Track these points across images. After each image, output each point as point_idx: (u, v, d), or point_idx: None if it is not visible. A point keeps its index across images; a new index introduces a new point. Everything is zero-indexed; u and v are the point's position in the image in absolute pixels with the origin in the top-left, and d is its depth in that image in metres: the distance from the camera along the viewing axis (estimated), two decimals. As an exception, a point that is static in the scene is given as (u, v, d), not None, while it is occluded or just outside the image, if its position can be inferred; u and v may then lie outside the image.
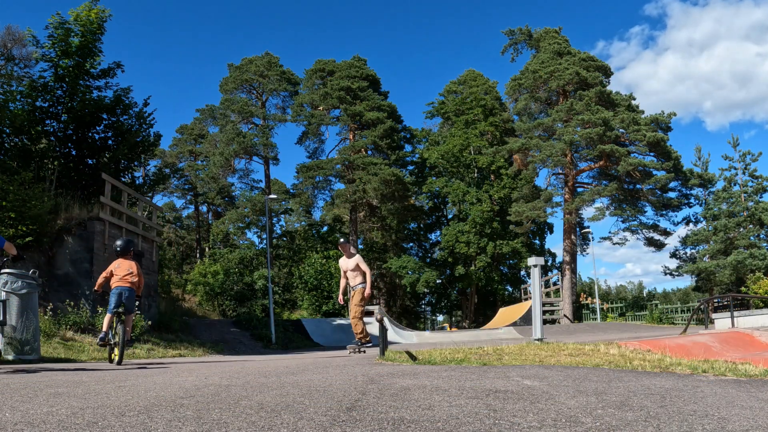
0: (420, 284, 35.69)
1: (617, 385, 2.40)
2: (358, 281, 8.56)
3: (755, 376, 2.89)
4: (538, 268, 6.38)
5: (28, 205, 11.60)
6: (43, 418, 1.67)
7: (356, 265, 8.57)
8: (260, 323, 20.45)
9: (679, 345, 7.23)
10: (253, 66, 35.92)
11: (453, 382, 2.60)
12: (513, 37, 34.22)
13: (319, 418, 1.64)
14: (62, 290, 11.82)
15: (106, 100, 15.93)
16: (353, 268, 8.58)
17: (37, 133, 14.64)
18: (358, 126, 34.96)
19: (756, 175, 29.14)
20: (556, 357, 4.01)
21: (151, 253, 16.07)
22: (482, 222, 34.21)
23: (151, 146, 17.25)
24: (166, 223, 39.42)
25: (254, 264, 33.49)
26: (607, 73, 31.24)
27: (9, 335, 7.04)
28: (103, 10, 15.35)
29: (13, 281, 7.17)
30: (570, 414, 1.67)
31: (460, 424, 1.52)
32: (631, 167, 27.46)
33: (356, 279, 8.60)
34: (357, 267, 8.57)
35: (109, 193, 13.51)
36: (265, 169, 36.69)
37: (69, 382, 3.11)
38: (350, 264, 8.60)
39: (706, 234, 29.23)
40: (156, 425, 1.55)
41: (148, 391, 2.46)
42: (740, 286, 25.87)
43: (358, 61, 36.23)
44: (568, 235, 30.65)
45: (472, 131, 36.71)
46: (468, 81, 39.62)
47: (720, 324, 12.84)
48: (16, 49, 21.99)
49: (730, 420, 1.58)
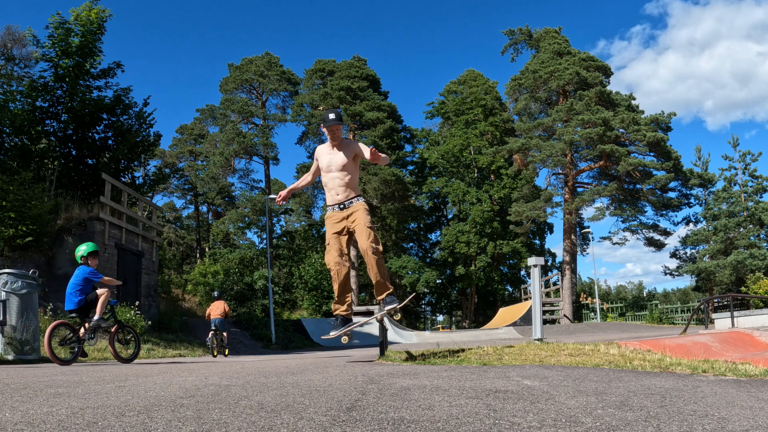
0: (420, 284, 35.69)
1: (617, 385, 2.40)
2: (352, 195, 4.71)
3: (755, 376, 2.89)
4: (538, 268, 6.38)
5: (28, 205, 11.60)
6: (43, 418, 1.67)
7: (353, 158, 4.72)
8: (260, 323, 20.45)
9: (679, 345, 7.23)
10: (253, 66, 35.92)
11: (453, 382, 2.60)
12: (513, 37, 34.22)
13: (319, 418, 1.64)
14: (62, 290, 11.79)
15: (106, 100, 15.94)
16: (341, 167, 4.67)
17: (37, 133, 14.64)
18: (358, 126, 34.96)
19: (756, 175, 29.16)
20: (556, 357, 4.01)
21: (151, 253, 16.07)
22: (482, 222, 34.21)
23: (151, 146, 17.26)
24: (166, 223, 39.42)
25: (254, 264, 33.49)
26: (607, 73, 31.25)
27: (9, 335, 7.04)
28: (104, 10, 15.36)
29: (13, 281, 7.17)
30: (570, 414, 1.67)
31: (460, 424, 1.52)
32: (631, 167, 27.46)
33: (345, 189, 4.70)
34: (352, 163, 4.71)
35: (109, 193, 13.51)
36: (265, 169, 36.70)
37: (69, 382, 3.11)
38: (336, 159, 4.68)
39: (706, 234, 29.23)
40: (156, 425, 1.55)
41: (148, 391, 2.46)
42: (740, 286, 25.87)
43: (358, 61, 36.23)
44: (568, 235, 30.65)
45: (472, 131, 36.71)
46: (468, 81, 39.62)
47: (720, 324, 12.84)
48: (16, 49, 21.99)
49: (730, 420, 1.58)
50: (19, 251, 11.62)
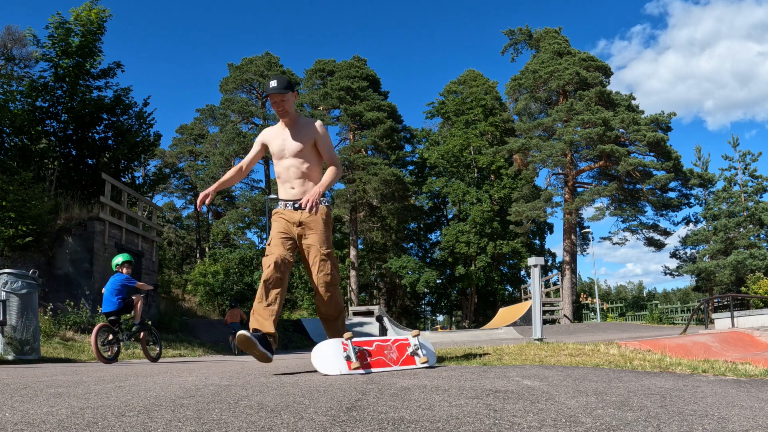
0: (420, 284, 35.69)
1: (617, 385, 2.40)
2: (302, 189, 3.64)
3: (755, 376, 2.89)
4: (538, 268, 6.37)
5: (28, 205, 11.61)
6: (43, 418, 1.67)
7: (312, 145, 3.64)
8: (260, 323, 20.42)
9: (679, 345, 7.23)
10: (253, 66, 35.92)
11: (453, 382, 2.61)
12: (513, 37, 34.23)
13: (319, 418, 1.64)
14: (62, 290, 11.82)
15: (106, 100, 15.95)
16: (297, 152, 3.61)
17: (37, 133, 14.65)
18: (358, 126, 34.97)
19: (756, 175, 29.17)
20: (556, 357, 4.01)
21: (151, 253, 16.07)
22: (482, 222, 34.21)
23: (151, 146, 17.27)
24: (166, 223, 39.43)
25: (254, 264, 33.48)
26: (607, 73, 31.25)
27: (9, 335, 7.04)
28: (104, 10, 15.38)
29: (13, 281, 7.17)
30: (570, 414, 1.67)
31: (460, 424, 1.52)
32: (631, 167, 27.47)
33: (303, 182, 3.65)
34: (312, 149, 3.65)
35: (109, 193, 13.51)
36: (265, 169, 36.70)
37: (69, 382, 3.11)
38: (290, 142, 3.63)
39: (706, 234, 29.23)
40: (156, 425, 1.55)
41: (148, 391, 2.46)
42: (740, 286, 25.87)
43: (358, 61, 36.24)
44: (568, 235, 30.65)
45: (472, 131, 36.71)
46: (468, 81, 39.63)
47: (720, 324, 12.84)
48: (16, 49, 21.99)
49: (730, 420, 1.58)
50: (19, 251, 11.62)
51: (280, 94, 3.60)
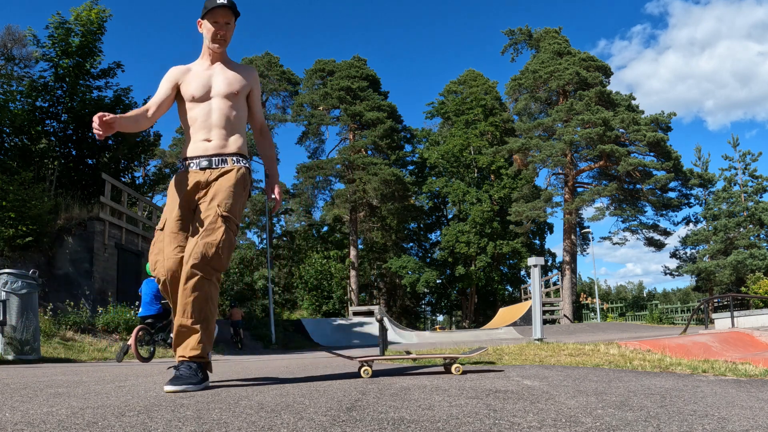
0: (420, 284, 35.69)
1: (617, 385, 2.40)
2: (232, 148, 2.81)
3: (755, 376, 2.89)
4: (538, 268, 6.38)
5: (28, 205, 11.60)
6: (43, 418, 1.67)
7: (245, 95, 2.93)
8: (260, 323, 20.46)
9: (679, 345, 7.23)
10: (253, 66, 35.90)
11: (453, 381, 2.61)
12: (513, 37, 34.24)
13: (319, 418, 1.64)
14: (62, 290, 11.82)
15: (106, 100, 15.95)
16: (228, 94, 2.82)
17: (37, 133, 14.65)
18: (358, 126, 34.96)
19: (756, 175, 29.18)
20: (556, 357, 4.01)
21: (151, 253, 16.07)
22: (482, 222, 34.21)
23: (150, 146, 17.28)
24: (166, 223, 39.33)
25: (254, 264, 33.48)
26: (607, 73, 31.26)
27: (9, 335, 7.04)
28: (104, 10, 15.38)
29: (13, 281, 7.17)
30: (570, 414, 1.67)
31: (460, 424, 1.52)
32: (631, 167, 27.47)
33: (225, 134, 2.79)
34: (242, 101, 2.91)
35: (109, 193, 13.51)
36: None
37: (69, 382, 3.11)
38: (221, 85, 2.84)
39: (706, 234, 29.24)
40: (156, 425, 1.55)
41: (148, 391, 2.46)
42: (740, 286, 25.88)
43: (358, 61, 36.24)
44: (568, 235, 30.66)
45: (472, 131, 36.72)
46: (468, 81, 39.63)
47: (720, 324, 12.84)
48: (16, 49, 21.97)
49: (730, 420, 1.58)
50: (19, 251, 11.61)
51: (228, 15, 2.84)
